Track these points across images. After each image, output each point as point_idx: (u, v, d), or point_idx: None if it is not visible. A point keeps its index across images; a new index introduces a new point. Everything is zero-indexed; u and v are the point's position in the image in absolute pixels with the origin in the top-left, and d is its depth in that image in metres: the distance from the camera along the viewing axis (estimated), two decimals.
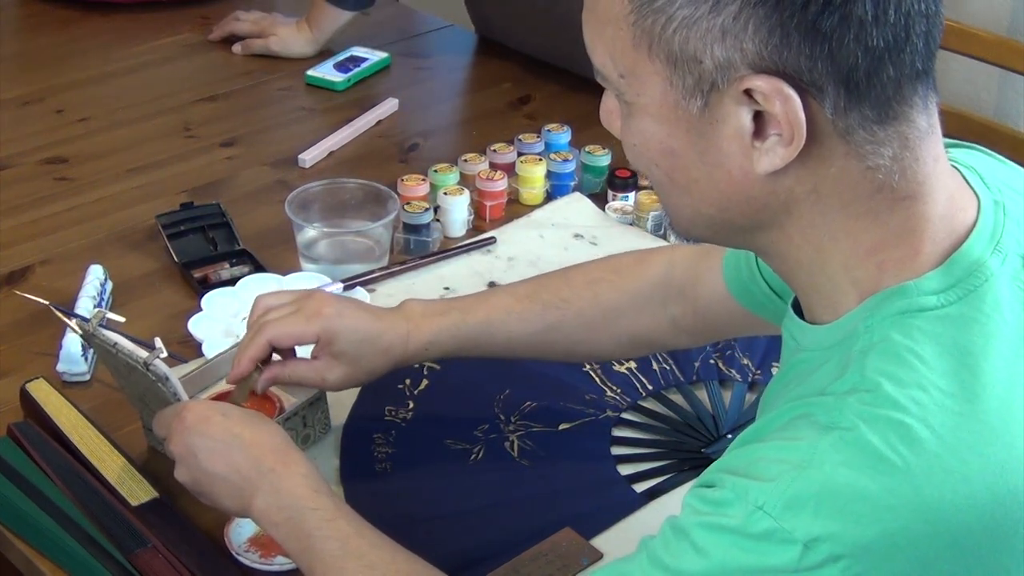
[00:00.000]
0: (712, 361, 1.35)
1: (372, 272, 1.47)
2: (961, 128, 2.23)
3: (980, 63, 1.96)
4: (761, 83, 0.75)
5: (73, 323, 1.30)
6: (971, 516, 0.73)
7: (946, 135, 0.85)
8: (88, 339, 1.16)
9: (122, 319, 1.30)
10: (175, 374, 1.12)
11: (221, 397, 1.24)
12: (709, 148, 0.79)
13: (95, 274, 1.41)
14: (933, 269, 0.79)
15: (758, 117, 0.77)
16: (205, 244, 1.53)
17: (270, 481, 1.01)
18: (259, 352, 1.16)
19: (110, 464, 1.16)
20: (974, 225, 0.81)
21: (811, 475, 0.73)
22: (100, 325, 1.14)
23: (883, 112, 0.76)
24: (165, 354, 1.12)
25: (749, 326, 1.13)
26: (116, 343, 1.11)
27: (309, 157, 1.73)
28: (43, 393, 1.22)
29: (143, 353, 1.10)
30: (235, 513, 1.06)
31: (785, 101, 0.75)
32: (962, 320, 0.77)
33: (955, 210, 0.81)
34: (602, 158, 1.68)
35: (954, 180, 0.83)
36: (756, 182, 0.79)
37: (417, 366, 1.33)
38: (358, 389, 1.30)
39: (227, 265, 1.49)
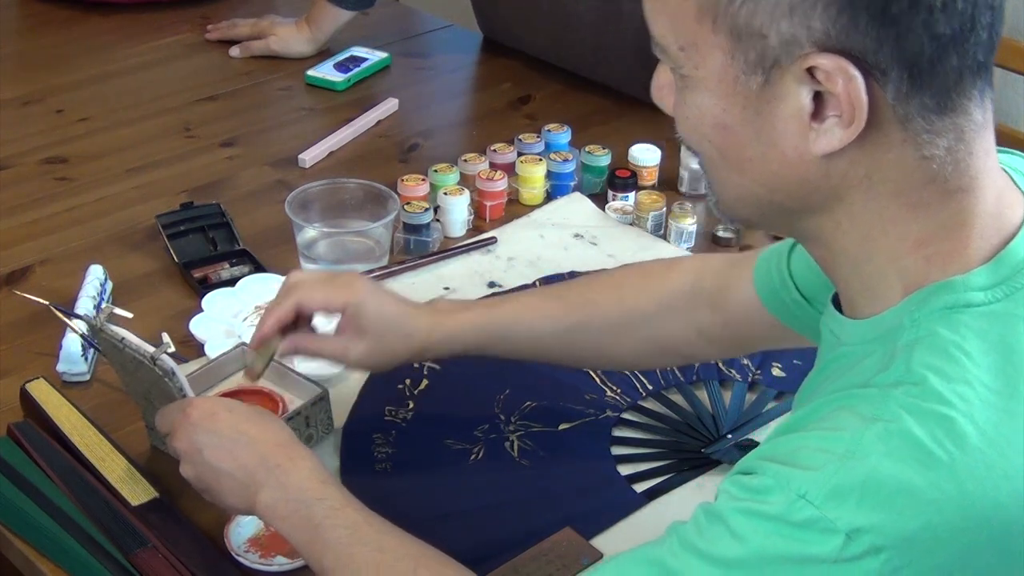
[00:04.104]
0: (712, 361, 1.35)
1: (372, 272, 1.47)
2: None
3: None
4: (825, 61, 0.74)
5: (73, 323, 1.30)
6: (1013, 512, 0.73)
7: None
8: (95, 334, 1.16)
9: (129, 315, 1.30)
10: None
11: (223, 397, 1.24)
12: (765, 126, 0.78)
13: (95, 274, 1.41)
14: (981, 265, 0.79)
15: (817, 98, 0.76)
16: (205, 244, 1.53)
17: (276, 476, 1.00)
18: (285, 314, 1.16)
19: (110, 464, 1.16)
20: (1021, 224, 0.81)
21: (855, 465, 0.73)
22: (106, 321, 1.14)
23: (942, 102, 0.76)
24: (172, 349, 1.12)
25: (777, 337, 1.12)
26: (123, 338, 1.11)
27: (309, 157, 1.74)
28: (43, 393, 1.22)
29: (150, 348, 1.10)
30: (239, 510, 1.06)
31: (848, 81, 0.74)
32: (1008, 317, 0.77)
33: (1003, 207, 0.81)
34: (602, 158, 1.68)
35: (1003, 178, 0.83)
36: (810, 164, 0.78)
37: (417, 366, 1.33)
38: (358, 389, 1.30)
39: (227, 265, 1.49)
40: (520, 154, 1.67)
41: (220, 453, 1.02)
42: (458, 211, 1.57)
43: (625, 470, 1.22)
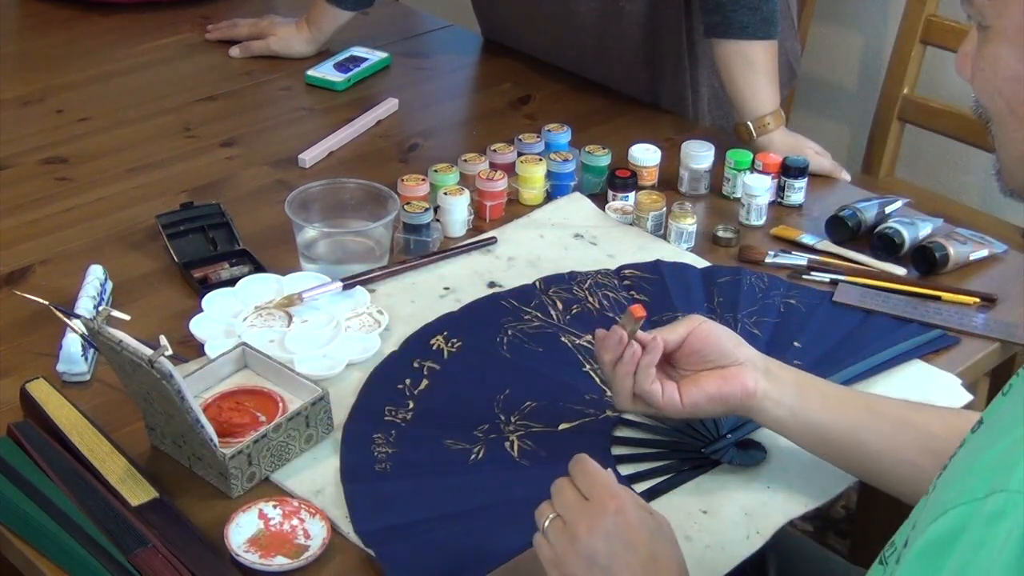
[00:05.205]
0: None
1: (372, 272, 1.47)
2: (961, 128, 2.23)
3: None
4: None
5: (73, 323, 1.30)
6: None
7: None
8: (93, 336, 1.16)
9: (127, 317, 1.30)
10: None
11: (224, 397, 1.24)
12: None
13: (95, 274, 1.41)
14: None
15: None
16: (205, 244, 1.53)
17: None
18: (675, 342, 1.16)
19: (110, 464, 1.16)
20: None
21: None
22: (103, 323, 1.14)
23: None
24: (170, 351, 1.12)
25: None
26: (121, 340, 1.11)
27: (309, 157, 1.74)
28: (43, 393, 1.22)
29: (147, 351, 1.10)
30: None
31: None
32: None
33: None
34: (602, 158, 1.68)
35: None
36: None
37: (416, 365, 1.33)
38: (358, 389, 1.30)
39: (227, 265, 1.49)
40: (520, 154, 1.67)
41: (624, 569, 0.94)
42: (458, 211, 1.57)
43: (625, 470, 1.22)
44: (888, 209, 1.61)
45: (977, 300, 1.47)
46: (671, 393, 1.16)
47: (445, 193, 1.57)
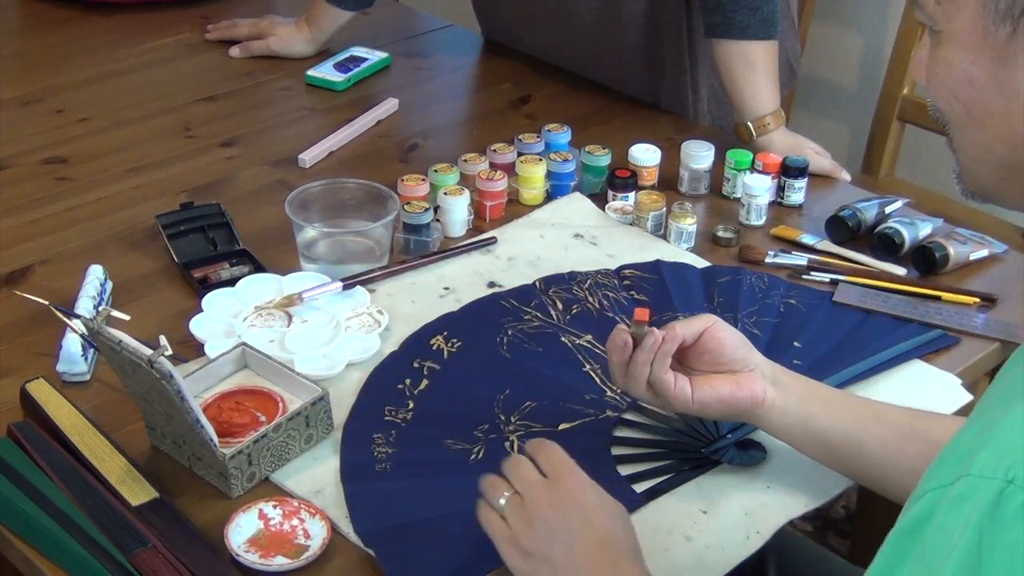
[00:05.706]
0: None
1: (372, 272, 1.47)
2: None
3: None
4: None
5: (73, 323, 1.30)
6: None
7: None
8: (93, 336, 1.16)
9: (127, 317, 1.30)
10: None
11: (224, 397, 1.24)
12: (1010, 79, 0.78)
13: (95, 274, 1.41)
14: None
15: None
16: (205, 244, 1.53)
17: None
18: (692, 337, 1.15)
19: (110, 464, 1.16)
20: None
21: None
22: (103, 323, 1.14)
23: None
24: (169, 352, 1.12)
25: None
26: (120, 340, 1.11)
27: (309, 157, 1.74)
28: (43, 393, 1.22)
29: (147, 351, 1.10)
30: None
31: None
32: None
33: None
34: (602, 158, 1.68)
35: None
36: None
37: (416, 365, 1.33)
38: (358, 389, 1.30)
39: (227, 265, 1.49)
40: (520, 154, 1.67)
41: (582, 545, 0.97)
42: (458, 211, 1.57)
43: (625, 470, 1.21)
44: (888, 209, 1.61)
45: (977, 300, 1.47)
46: (683, 386, 1.15)
47: (445, 193, 1.57)
